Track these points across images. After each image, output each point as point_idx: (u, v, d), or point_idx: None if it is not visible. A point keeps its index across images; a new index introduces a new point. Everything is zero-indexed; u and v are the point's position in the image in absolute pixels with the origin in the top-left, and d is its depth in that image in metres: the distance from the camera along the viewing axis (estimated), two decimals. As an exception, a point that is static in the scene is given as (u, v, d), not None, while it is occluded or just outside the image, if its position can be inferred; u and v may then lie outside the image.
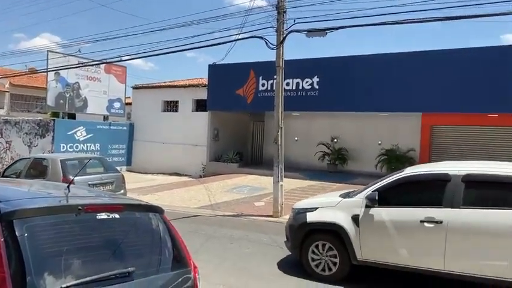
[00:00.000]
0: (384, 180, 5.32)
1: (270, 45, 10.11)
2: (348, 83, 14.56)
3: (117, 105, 20.61)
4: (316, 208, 5.65)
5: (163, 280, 2.66)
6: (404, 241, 4.92)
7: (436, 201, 4.83)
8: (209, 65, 17.43)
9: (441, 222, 4.68)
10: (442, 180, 4.88)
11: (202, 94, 17.89)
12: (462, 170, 4.89)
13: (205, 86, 17.87)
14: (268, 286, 5.43)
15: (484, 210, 4.60)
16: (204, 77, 19.16)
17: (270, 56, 10.54)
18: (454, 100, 12.87)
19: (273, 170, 10.26)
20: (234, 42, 11.38)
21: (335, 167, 16.03)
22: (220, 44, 11.46)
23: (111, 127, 19.48)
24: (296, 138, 17.21)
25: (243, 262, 6.37)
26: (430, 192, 5.10)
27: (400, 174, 5.32)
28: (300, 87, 15.47)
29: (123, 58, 15.10)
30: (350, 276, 5.41)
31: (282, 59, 10.25)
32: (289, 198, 10.58)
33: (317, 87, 15.17)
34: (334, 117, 16.19)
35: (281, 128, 10.26)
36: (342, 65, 14.85)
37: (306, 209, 5.77)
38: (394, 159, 14.32)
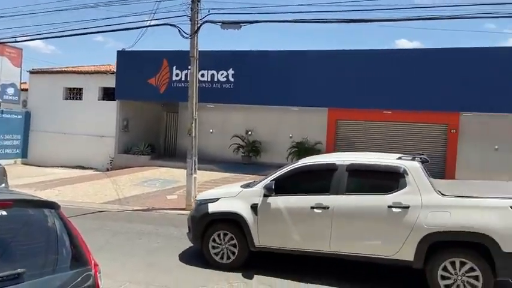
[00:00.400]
0: (281, 171, 5.62)
1: (184, 34, 9.88)
2: (262, 77, 14.90)
3: (10, 91, 18.38)
4: (218, 199, 5.79)
5: (60, 280, 2.52)
6: (297, 227, 5.27)
7: (325, 189, 5.23)
8: (118, 51, 16.49)
9: (328, 207, 5.09)
10: (330, 169, 5.32)
11: (111, 82, 16.82)
12: (347, 160, 5.39)
13: (113, 73, 16.84)
14: (177, 279, 5.34)
15: (363, 195, 5.10)
16: (112, 64, 18.03)
17: (184, 45, 10.29)
18: (356, 97, 13.98)
19: (187, 162, 10.10)
20: (145, 28, 10.92)
21: (249, 159, 16.34)
22: (130, 29, 10.94)
23: (3, 115, 17.36)
24: (211, 130, 17.14)
25: (152, 257, 6.17)
26: (320, 180, 5.47)
27: (295, 164, 5.71)
28: (215, 79, 15.42)
29: (19, 39, 13.69)
30: (247, 263, 5.59)
31: (197, 49, 10.08)
32: (203, 190, 10.45)
33: (232, 79, 15.26)
34: (249, 110, 16.45)
35: (195, 119, 10.11)
36: (256, 59, 15.13)
37: (208, 199, 5.87)
38: (304, 151, 15.04)
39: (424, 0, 55.01)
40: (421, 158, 5.31)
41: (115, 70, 16.79)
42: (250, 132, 16.72)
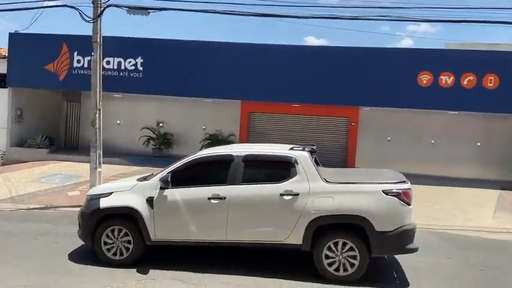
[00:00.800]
0: (178, 163, 5.58)
1: (86, 17, 9.19)
2: (174, 67, 14.52)
3: None
4: (111, 193, 5.58)
5: None
6: (194, 218, 5.29)
7: (222, 180, 5.34)
8: (10, 34, 14.75)
9: (225, 198, 5.21)
10: (227, 160, 5.43)
11: (1, 67, 14.96)
12: (243, 151, 5.54)
13: (5, 58, 14.99)
14: (81, 280, 4.98)
15: (258, 185, 5.29)
16: (4, 47, 16.03)
17: (88, 30, 9.53)
18: (267, 90, 14.37)
19: (90, 155, 9.44)
20: (42, 9, 9.91)
21: (160, 151, 15.86)
22: (25, 9, 9.88)
23: None
24: (118, 122, 16.27)
25: (51, 258, 5.68)
26: (217, 171, 5.58)
27: (192, 156, 5.69)
28: (122, 67, 14.62)
29: None
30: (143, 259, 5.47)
31: (100, 34, 9.42)
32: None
33: (141, 68, 14.61)
34: (160, 101, 15.93)
35: (99, 109, 9.48)
36: (168, 48, 14.67)
37: (100, 194, 5.64)
38: (217, 143, 15.01)
39: (329, 0, 58.50)
40: (310, 148, 5.66)
41: (6, 54, 14.99)
42: (161, 124, 16.22)
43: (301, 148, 5.56)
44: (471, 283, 5.18)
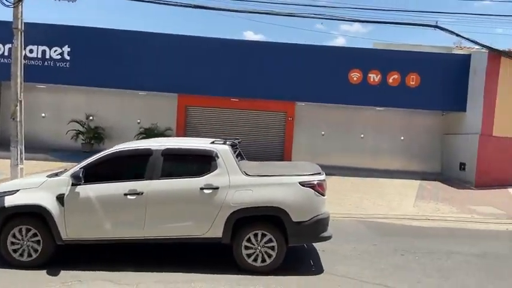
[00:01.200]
0: (93, 157, 5.36)
1: (6, 2, 8.40)
2: (105, 58, 13.83)
3: None
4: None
5: None
6: (109, 215, 5.09)
7: (140, 175, 5.18)
8: None
9: (142, 193, 5.06)
10: (146, 155, 5.28)
11: None
12: (163, 145, 5.41)
13: None
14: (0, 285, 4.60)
15: (177, 179, 5.18)
16: None
17: (7, 15, 8.72)
18: (205, 84, 14.25)
19: (11, 151, 8.68)
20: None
21: (90, 146, 15.04)
22: None
23: None
24: (43, 115, 15.16)
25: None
26: (135, 166, 5.38)
27: (108, 150, 5.44)
28: (47, 56, 13.63)
29: None
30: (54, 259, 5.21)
31: (21, 20, 8.65)
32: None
33: (68, 58, 13.73)
34: (90, 93, 15.08)
35: (20, 101, 8.72)
36: (98, 37, 13.92)
37: (5, 192, 5.23)
38: (153, 137, 14.64)
39: (268, -4, 59.03)
40: (231, 142, 5.70)
41: None
42: (91, 117, 15.39)
43: (222, 142, 5.53)
44: (392, 267, 5.59)
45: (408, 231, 7.79)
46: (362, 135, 15.69)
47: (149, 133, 14.80)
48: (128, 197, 5.05)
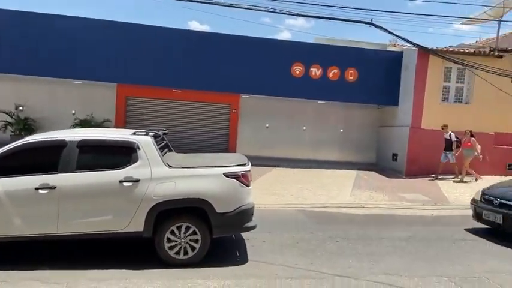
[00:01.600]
0: (1, 150, 4.99)
1: None
2: (35, 43, 12.90)
3: None
4: None
5: None
6: (19, 211, 4.81)
7: (53, 168, 4.93)
8: None
9: (55, 187, 4.83)
10: (59, 146, 5.02)
11: None
12: (78, 136, 5.17)
13: None
14: None
15: (94, 172, 4.97)
16: None
17: None
18: (146, 74, 13.82)
19: None
20: None
21: (20, 138, 13.99)
22: None
23: None
24: (-36, 104, 13.83)
25: None
26: (48, 159, 5.09)
27: (17, 142, 5.14)
28: (-33, 40, 12.42)
29: None
30: None
31: None
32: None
33: (-8, 42, 12.61)
34: (19, 81, 13.98)
35: None
36: (28, 22, 12.93)
37: None
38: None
39: (213, -14, 58.30)
40: (154, 133, 5.55)
41: None
42: (21, 108, 14.30)
43: (144, 133, 5.38)
44: (327, 254, 5.82)
45: (344, 219, 8.16)
46: (304, 128, 16.10)
47: (85, 124, 14.06)
48: (40, 191, 4.77)
